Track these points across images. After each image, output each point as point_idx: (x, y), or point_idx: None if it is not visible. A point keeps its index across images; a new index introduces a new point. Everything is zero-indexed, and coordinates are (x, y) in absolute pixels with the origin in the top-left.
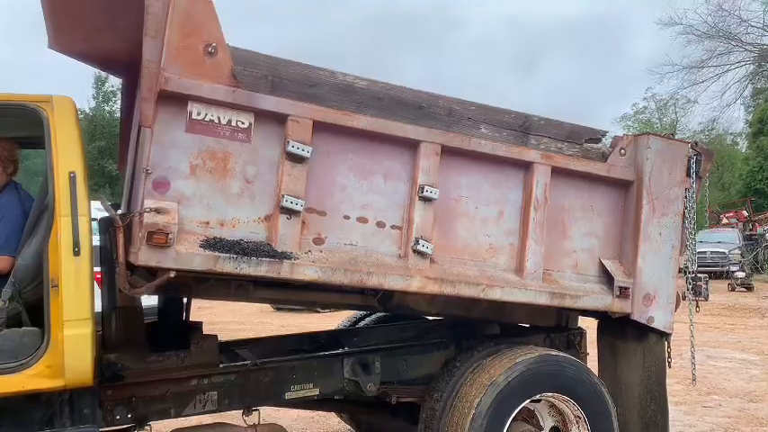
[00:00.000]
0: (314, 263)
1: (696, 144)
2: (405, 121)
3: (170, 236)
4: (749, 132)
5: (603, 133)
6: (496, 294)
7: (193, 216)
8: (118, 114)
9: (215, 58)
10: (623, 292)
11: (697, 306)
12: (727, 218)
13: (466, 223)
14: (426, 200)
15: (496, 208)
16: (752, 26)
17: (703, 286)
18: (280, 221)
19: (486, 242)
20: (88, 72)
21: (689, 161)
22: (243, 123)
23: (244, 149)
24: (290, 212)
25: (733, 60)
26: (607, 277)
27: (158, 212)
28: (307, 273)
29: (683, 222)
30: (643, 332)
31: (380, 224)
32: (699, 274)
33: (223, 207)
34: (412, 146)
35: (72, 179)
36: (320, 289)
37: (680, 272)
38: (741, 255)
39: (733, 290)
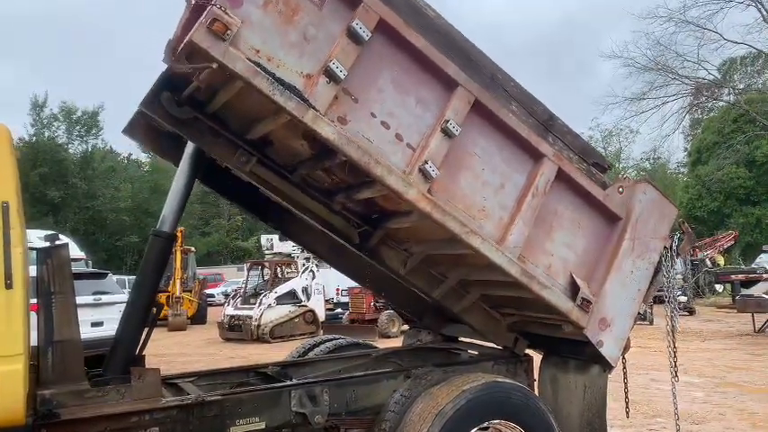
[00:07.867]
0: (334, 126)
1: (683, 223)
2: (453, 62)
3: (228, 32)
4: (689, 161)
5: (610, 165)
6: (476, 242)
7: (249, 40)
8: (60, 141)
9: None
10: (584, 304)
11: (676, 376)
12: None
13: (469, 177)
14: (447, 134)
15: (500, 180)
16: (687, 60)
17: (648, 311)
18: (319, 82)
19: (481, 203)
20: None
21: (672, 237)
22: None
23: (313, 12)
24: (331, 77)
25: (671, 92)
26: (572, 291)
27: (225, 13)
28: (326, 129)
29: (655, 276)
30: (585, 365)
31: (399, 137)
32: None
33: (276, 47)
34: (451, 86)
35: (5, 209)
36: (312, 196)
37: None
38: (683, 279)
39: None
